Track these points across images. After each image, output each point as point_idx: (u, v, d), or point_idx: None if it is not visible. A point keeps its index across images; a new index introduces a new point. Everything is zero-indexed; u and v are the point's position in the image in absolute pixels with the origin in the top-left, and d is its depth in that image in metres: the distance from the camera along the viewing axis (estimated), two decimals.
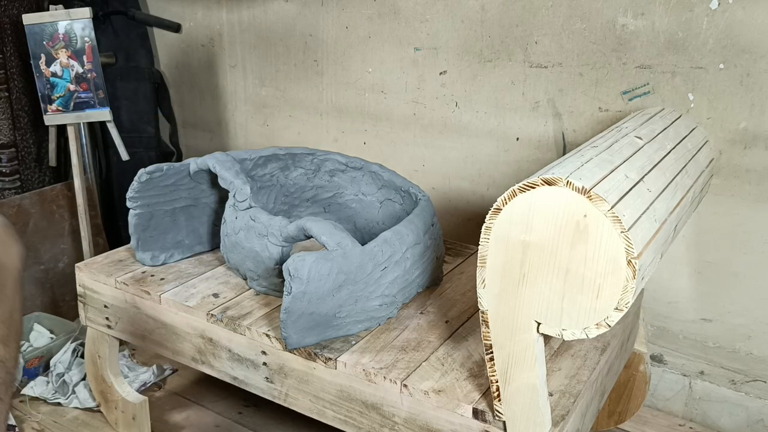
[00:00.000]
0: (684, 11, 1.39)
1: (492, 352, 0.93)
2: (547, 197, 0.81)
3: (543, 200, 0.81)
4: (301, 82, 2.04)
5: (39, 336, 1.82)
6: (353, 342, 1.17)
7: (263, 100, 2.16)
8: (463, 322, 1.25)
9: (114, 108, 1.98)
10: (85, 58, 1.77)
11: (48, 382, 1.65)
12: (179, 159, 2.26)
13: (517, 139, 1.68)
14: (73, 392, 1.63)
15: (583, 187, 0.78)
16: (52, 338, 1.81)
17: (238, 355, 1.25)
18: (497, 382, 0.95)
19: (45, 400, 1.63)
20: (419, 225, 1.26)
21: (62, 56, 1.77)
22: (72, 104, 1.80)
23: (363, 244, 1.17)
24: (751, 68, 1.35)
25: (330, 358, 1.13)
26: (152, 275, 1.42)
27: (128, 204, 1.40)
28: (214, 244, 1.55)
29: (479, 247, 0.87)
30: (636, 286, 0.78)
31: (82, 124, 1.92)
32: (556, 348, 1.18)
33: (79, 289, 1.47)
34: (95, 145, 2.14)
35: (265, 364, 1.22)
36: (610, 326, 0.81)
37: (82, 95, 1.80)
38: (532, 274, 0.84)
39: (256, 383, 1.25)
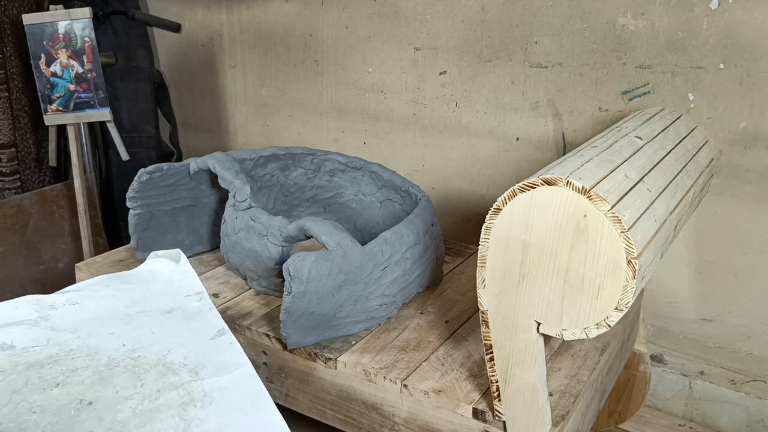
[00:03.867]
0: (684, 11, 1.39)
1: (492, 352, 0.93)
2: (547, 197, 0.81)
3: (543, 200, 0.81)
4: (301, 82, 2.04)
5: None
6: (353, 342, 1.17)
7: (263, 100, 2.16)
8: (463, 322, 1.25)
9: (114, 108, 1.98)
10: (85, 58, 1.77)
11: None
12: (179, 159, 2.26)
13: (517, 139, 1.68)
14: None
15: (583, 187, 0.78)
16: None
17: None
18: (497, 382, 0.95)
19: None
20: (419, 225, 1.26)
21: (62, 56, 1.77)
22: (72, 104, 1.80)
23: (363, 244, 1.17)
24: (751, 68, 1.35)
25: (330, 358, 1.13)
26: None
27: (128, 204, 1.40)
28: (214, 244, 1.55)
29: (479, 247, 0.87)
30: (636, 286, 0.78)
31: (82, 124, 1.92)
32: (556, 348, 1.18)
33: None
34: (95, 145, 2.14)
35: (265, 364, 1.22)
36: (610, 326, 0.81)
37: (82, 95, 1.80)
38: (532, 274, 0.84)
39: None
